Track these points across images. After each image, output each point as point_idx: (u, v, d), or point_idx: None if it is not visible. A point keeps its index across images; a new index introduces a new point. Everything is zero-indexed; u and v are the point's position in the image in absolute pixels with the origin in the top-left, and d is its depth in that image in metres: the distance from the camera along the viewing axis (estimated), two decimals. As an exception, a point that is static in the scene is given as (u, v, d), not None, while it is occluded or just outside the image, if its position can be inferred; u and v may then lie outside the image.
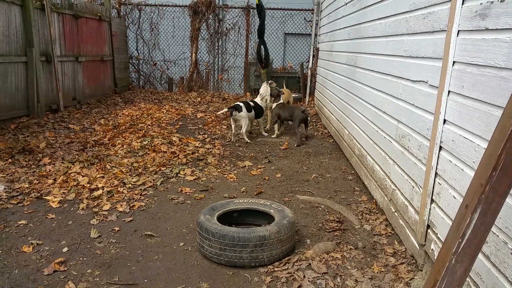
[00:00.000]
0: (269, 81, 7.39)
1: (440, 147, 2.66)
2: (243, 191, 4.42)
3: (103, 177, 4.61)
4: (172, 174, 4.86)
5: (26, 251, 3.05)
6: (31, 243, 3.17)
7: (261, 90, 7.12)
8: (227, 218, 3.35)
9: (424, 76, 3.01)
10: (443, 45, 2.66)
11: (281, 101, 6.92)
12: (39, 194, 4.09)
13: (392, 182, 3.61)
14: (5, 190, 4.16)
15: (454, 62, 2.53)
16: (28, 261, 2.93)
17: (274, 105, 6.91)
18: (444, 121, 2.62)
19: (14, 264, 2.88)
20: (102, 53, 10.37)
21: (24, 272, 2.80)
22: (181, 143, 6.29)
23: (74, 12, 8.78)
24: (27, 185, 4.30)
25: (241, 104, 6.60)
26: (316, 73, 9.89)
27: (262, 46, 9.22)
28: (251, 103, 6.84)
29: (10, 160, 5.00)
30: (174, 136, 6.54)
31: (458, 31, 2.50)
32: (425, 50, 3.01)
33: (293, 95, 10.89)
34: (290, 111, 6.69)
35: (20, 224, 3.49)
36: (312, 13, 11.38)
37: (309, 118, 6.80)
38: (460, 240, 1.52)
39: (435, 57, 2.83)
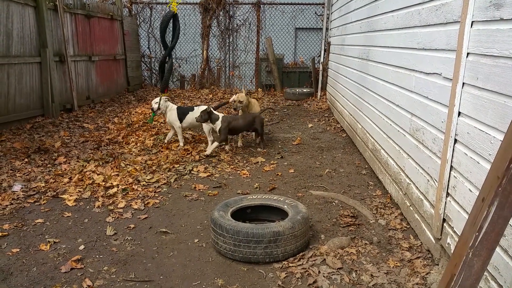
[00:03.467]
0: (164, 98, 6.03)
1: (455, 140, 2.62)
2: (256, 187, 4.43)
3: (117, 175, 4.66)
4: (186, 171, 4.90)
5: (43, 249, 3.11)
6: (48, 241, 3.23)
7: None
8: (240, 214, 3.36)
9: (437, 68, 2.96)
10: (456, 37, 2.62)
11: (222, 114, 5.67)
12: (55, 193, 4.17)
13: (407, 176, 3.57)
14: (22, 189, 4.24)
15: (468, 53, 2.48)
16: (46, 259, 2.99)
17: (220, 119, 5.54)
18: (459, 113, 2.58)
19: (32, 262, 2.94)
20: (114, 52, 10.46)
21: (42, 270, 2.85)
22: (193, 140, 6.32)
23: (86, 12, 8.87)
24: (43, 184, 4.38)
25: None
26: (327, 68, 9.82)
27: (166, 65, 6.68)
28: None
29: (26, 160, 5.10)
30: (186, 133, 6.58)
31: (472, 22, 2.45)
32: (438, 42, 2.96)
33: (305, 90, 10.88)
34: (246, 119, 5.73)
35: (37, 222, 3.56)
36: (323, 7, 11.27)
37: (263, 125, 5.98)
38: (477, 233, 1.50)
39: (448, 49, 2.78)
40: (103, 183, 4.43)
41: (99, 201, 3.99)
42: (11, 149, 5.46)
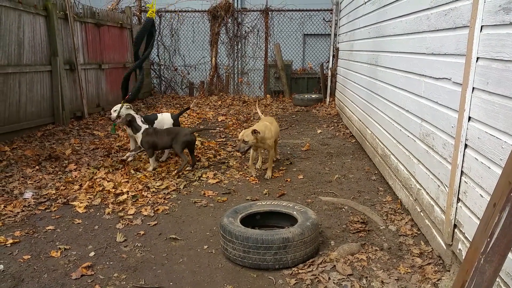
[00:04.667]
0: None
1: (466, 145, 2.60)
2: (265, 193, 4.42)
3: (127, 181, 4.69)
4: (195, 178, 4.91)
5: (54, 256, 3.14)
6: (59, 248, 3.26)
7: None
8: (250, 220, 3.36)
9: (447, 73, 2.94)
10: (466, 41, 2.60)
11: (145, 126, 5.21)
12: (65, 200, 4.21)
13: (417, 181, 3.54)
14: (33, 196, 4.29)
15: (478, 58, 2.47)
16: (57, 265, 3.02)
17: (141, 130, 5.12)
18: (469, 118, 2.56)
19: (43, 269, 2.97)
20: (124, 60, 10.58)
21: (53, 276, 2.88)
22: (202, 146, 6.35)
23: (96, 21, 9.00)
24: (54, 191, 4.42)
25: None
26: (336, 73, 9.81)
27: (140, 75, 6.27)
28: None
29: (37, 167, 5.16)
30: (196, 140, 6.60)
31: (482, 26, 2.44)
32: (448, 47, 2.95)
33: (313, 96, 10.87)
34: (170, 135, 5.14)
35: (48, 229, 3.60)
36: (331, 13, 11.30)
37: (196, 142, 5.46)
38: (488, 239, 1.48)
39: (458, 54, 2.77)
40: (113, 190, 4.46)
41: (109, 208, 4.02)
42: (23, 157, 5.54)
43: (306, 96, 10.88)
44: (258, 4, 12.25)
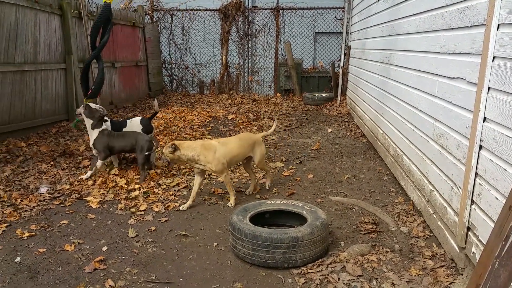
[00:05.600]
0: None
1: (480, 146, 2.56)
2: (275, 192, 4.42)
3: (139, 178, 4.73)
4: (205, 175, 4.93)
5: (68, 250, 3.19)
6: (73, 242, 3.31)
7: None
8: (259, 219, 3.36)
9: (461, 72, 2.90)
10: (481, 40, 2.57)
11: (104, 126, 4.84)
12: (79, 195, 4.26)
13: (430, 182, 3.50)
14: (48, 191, 4.36)
15: (494, 57, 2.43)
16: (70, 259, 3.06)
17: (97, 132, 4.78)
18: (484, 119, 2.52)
19: (57, 262, 3.02)
20: (136, 58, 10.66)
21: (67, 269, 2.92)
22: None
23: (109, 19, 9.07)
24: (68, 187, 4.48)
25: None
26: (348, 72, 9.75)
27: (99, 66, 5.85)
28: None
29: (52, 163, 5.24)
30: (206, 138, 6.63)
31: (498, 24, 2.40)
32: (463, 46, 2.91)
33: (324, 95, 10.82)
34: (129, 139, 4.76)
35: (63, 223, 3.65)
36: (343, 11, 11.23)
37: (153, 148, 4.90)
38: (503, 243, 1.46)
39: (473, 53, 2.73)
40: (126, 186, 4.50)
41: (121, 204, 4.07)
42: (38, 152, 5.63)
43: (316, 95, 10.83)
44: (269, 2, 12.24)
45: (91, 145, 4.82)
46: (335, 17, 12.32)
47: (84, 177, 4.72)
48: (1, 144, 5.82)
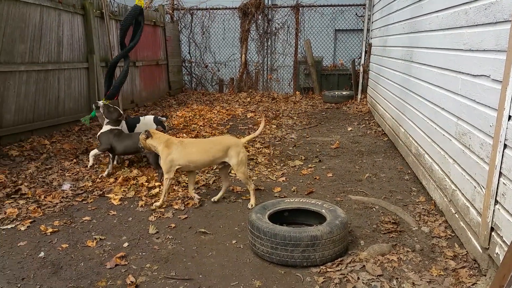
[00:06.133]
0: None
1: (505, 145, 2.49)
2: (294, 191, 4.41)
3: (157, 176, 4.79)
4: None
5: (90, 246, 3.26)
6: (95, 238, 3.38)
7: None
8: (278, 217, 3.36)
9: (485, 70, 2.83)
10: (507, 37, 2.49)
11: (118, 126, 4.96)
12: (101, 192, 4.36)
13: (452, 182, 3.43)
14: (71, 188, 4.47)
15: (520, 53, 2.36)
16: (92, 255, 3.13)
17: (108, 127, 4.93)
18: (509, 117, 2.45)
19: (80, 258, 3.09)
20: (157, 57, 10.80)
21: (89, 265, 2.99)
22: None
23: (130, 19, 9.21)
24: (90, 184, 4.59)
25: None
26: (368, 70, 9.63)
27: (124, 67, 5.92)
28: None
29: (74, 160, 5.37)
30: (223, 134, 6.67)
31: (525, 20, 2.33)
32: (487, 43, 2.84)
33: (344, 93, 10.72)
34: (134, 140, 4.70)
35: (85, 220, 3.74)
36: (363, 8, 11.09)
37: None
38: (528, 244, 1.42)
39: (498, 50, 2.66)
40: (146, 183, 4.58)
41: (142, 201, 4.13)
42: (61, 150, 5.78)
43: (336, 93, 10.74)
44: (289, 0, 12.19)
45: (97, 136, 4.97)
46: (356, 14, 12.18)
47: (89, 164, 5.00)
48: (26, 142, 6.00)
